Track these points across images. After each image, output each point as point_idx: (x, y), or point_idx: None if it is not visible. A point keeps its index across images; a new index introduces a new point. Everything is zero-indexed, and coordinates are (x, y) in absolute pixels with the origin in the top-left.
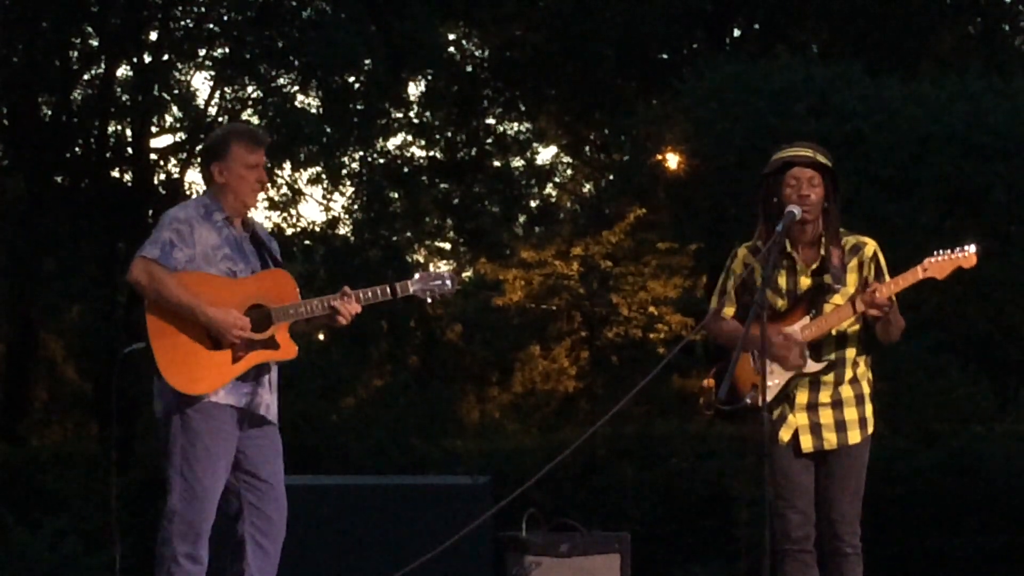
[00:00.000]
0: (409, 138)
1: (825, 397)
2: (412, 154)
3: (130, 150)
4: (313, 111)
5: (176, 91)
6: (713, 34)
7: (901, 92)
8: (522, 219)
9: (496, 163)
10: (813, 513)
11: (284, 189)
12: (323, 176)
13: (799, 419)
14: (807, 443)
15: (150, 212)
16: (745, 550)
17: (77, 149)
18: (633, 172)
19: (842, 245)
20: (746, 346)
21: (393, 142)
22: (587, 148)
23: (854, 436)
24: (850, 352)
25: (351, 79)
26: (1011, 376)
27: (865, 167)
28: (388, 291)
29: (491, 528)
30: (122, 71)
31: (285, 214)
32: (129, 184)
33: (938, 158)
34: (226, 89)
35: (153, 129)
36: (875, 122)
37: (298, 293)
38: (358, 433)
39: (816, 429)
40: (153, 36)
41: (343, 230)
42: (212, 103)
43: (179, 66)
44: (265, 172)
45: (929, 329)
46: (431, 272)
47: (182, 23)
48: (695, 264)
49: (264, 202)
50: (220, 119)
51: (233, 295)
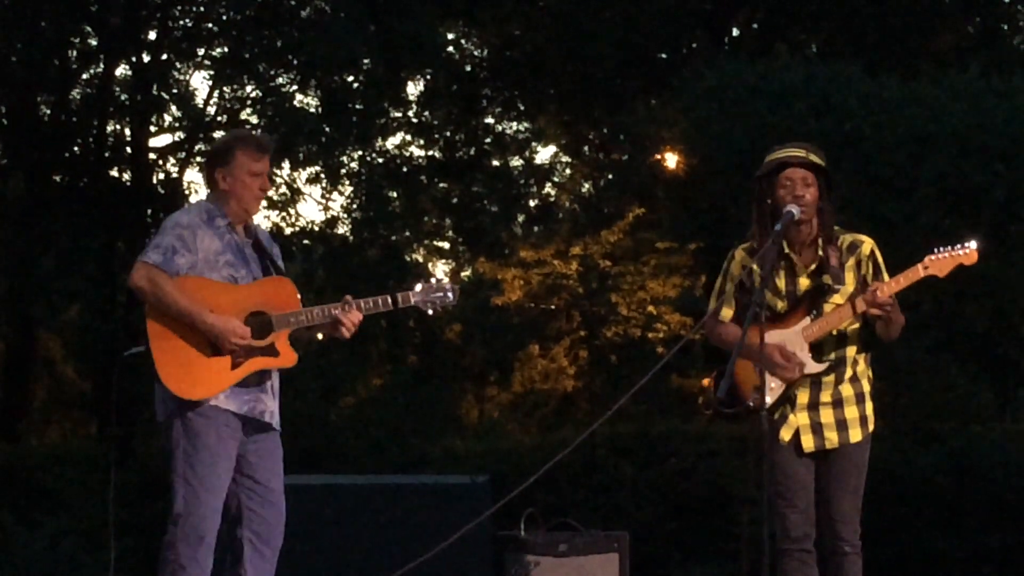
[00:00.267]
0: (408, 137)
1: (826, 396)
2: (411, 153)
3: (129, 149)
4: (312, 110)
5: (175, 90)
6: (712, 33)
7: (900, 92)
8: (521, 218)
9: (495, 162)
10: (813, 512)
11: (283, 188)
12: (322, 175)
13: (800, 418)
14: (808, 443)
15: (149, 211)
16: (745, 549)
17: (76, 148)
18: (632, 171)
19: (839, 244)
20: (746, 355)
21: (392, 141)
22: (586, 147)
23: (855, 435)
24: (850, 351)
25: (350, 78)
26: (1011, 375)
27: (864, 167)
28: (389, 301)
29: (490, 527)
30: (121, 70)
31: (284, 213)
32: (128, 183)
33: (938, 158)
34: (225, 88)
35: (152, 128)
36: (874, 121)
37: (299, 301)
38: (357, 432)
39: (817, 428)
40: (152, 35)
41: (342, 229)
42: (211, 102)
43: (178, 65)
44: (268, 181)
45: (928, 328)
46: (433, 284)
47: (181, 22)
48: (694, 264)
49: (263, 201)
50: (219, 118)
51: (234, 301)
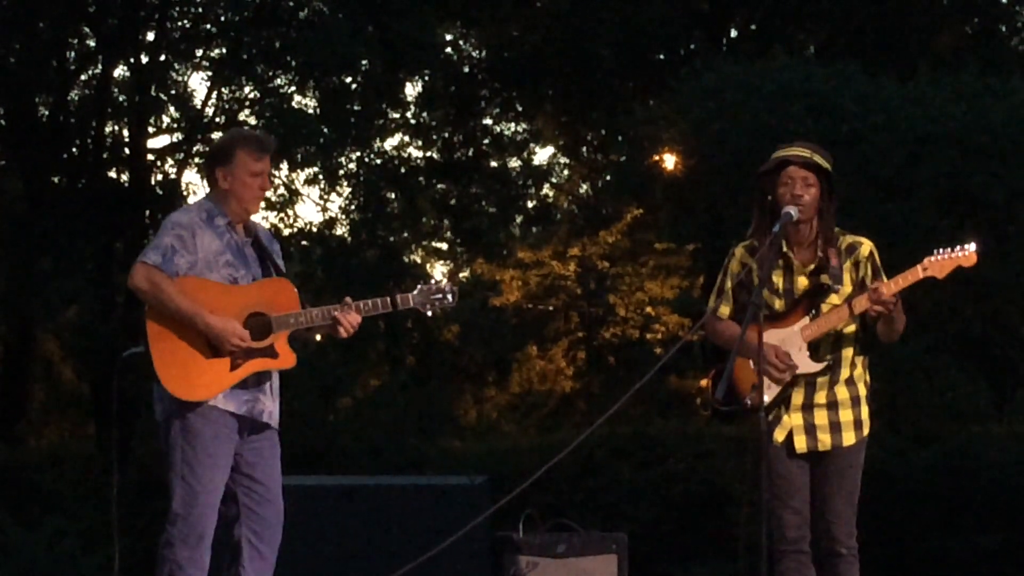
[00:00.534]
0: (406, 138)
1: (821, 398)
2: (409, 154)
3: (127, 150)
4: (310, 111)
5: (173, 91)
6: (711, 34)
7: (899, 92)
8: (519, 219)
9: (493, 163)
10: (809, 514)
11: (281, 189)
12: (320, 176)
13: (794, 419)
14: (801, 443)
15: (147, 212)
16: (742, 550)
17: (74, 149)
18: (630, 172)
19: (838, 245)
20: (744, 353)
21: (390, 142)
22: (584, 148)
23: (848, 438)
24: (847, 353)
25: (348, 79)
26: (1008, 376)
27: (863, 167)
28: (388, 303)
29: (488, 528)
30: (119, 71)
31: (282, 214)
32: (126, 184)
33: (936, 158)
34: (223, 89)
35: (150, 129)
36: (873, 122)
37: (299, 302)
38: (355, 433)
39: (811, 430)
40: (150, 36)
41: (340, 230)
42: (209, 103)
43: (176, 66)
44: (268, 180)
45: (926, 330)
46: (432, 285)
47: (179, 23)
48: (692, 264)
49: (261, 202)
50: (217, 119)
51: (234, 303)
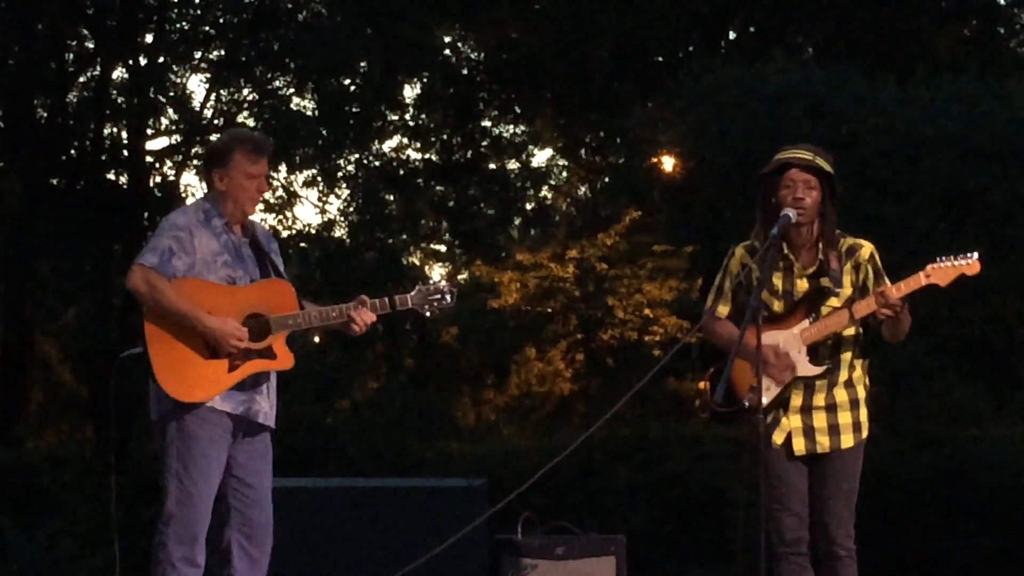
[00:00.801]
0: (405, 140)
1: (819, 400)
2: (408, 156)
3: (126, 152)
4: (309, 113)
5: (172, 93)
6: (709, 37)
7: (897, 95)
8: (517, 221)
9: (492, 165)
10: (807, 516)
11: (280, 191)
12: (319, 178)
13: (792, 421)
14: (799, 446)
15: (146, 214)
16: (741, 553)
17: (73, 151)
18: (629, 174)
19: (839, 248)
20: (742, 354)
21: (389, 144)
22: (583, 150)
23: (847, 440)
24: (846, 355)
25: (347, 81)
26: (1007, 379)
27: (861, 170)
28: (387, 304)
29: (487, 531)
30: (118, 73)
31: (280, 216)
32: (125, 186)
33: (934, 161)
34: (222, 91)
35: (149, 131)
36: (871, 125)
37: (297, 303)
38: (354, 435)
39: (809, 432)
40: (149, 38)
41: (339, 232)
42: (208, 105)
43: (175, 68)
44: (266, 182)
45: (925, 332)
46: (431, 286)
47: (178, 25)
48: (691, 267)
49: (260, 204)
50: (216, 121)
51: (232, 304)
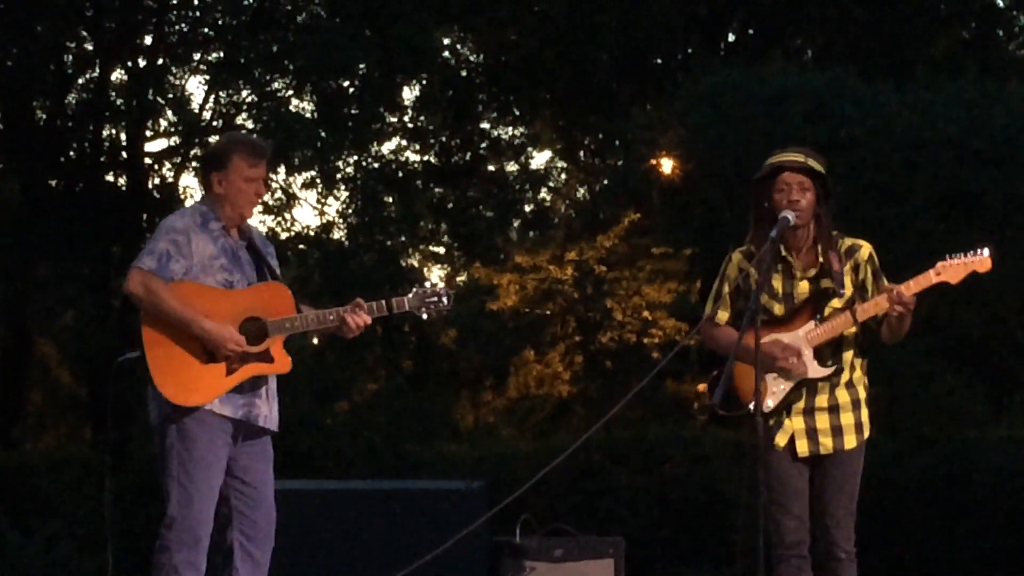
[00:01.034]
0: (404, 142)
1: (822, 401)
2: (407, 158)
3: (125, 154)
4: (308, 115)
5: (171, 95)
6: (708, 39)
7: (896, 97)
8: (516, 224)
9: (490, 167)
10: (808, 518)
11: (279, 193)
12: (317, 180)
13: (795, 423)
14: (803, 447)
15: (144, 216)
16: (740, 555)
17: (72, 153)
18: (628, 177)
19: (838, 248)
20: (742, 357)
21: (388, 146)
22: (581, 153)
23: (850, 441)
24: (847, 356)
25: (346, 83)
26: (1005, 381)
27: (860, 172)
28: (384, 306)
29: (486, 533)
30: (117, 75)
31: (279, 218)
32: (124, 188)
33: (933, 163)
34: (221, 93)
35: (148, 133)
36: (870, 127)
37: (294, 306)
38: (352, 437)
39: (812, 434)
40: (148, 40)
41: (337, 234)
42: (207, 107)
43: (174, 70)
44: (263, 186)
45: (923, 334)
46: (427, 288)
47: (177, 27)
48: (689, 269)
49: (258, 206)
50: (215, 123)
51: (229, 307)
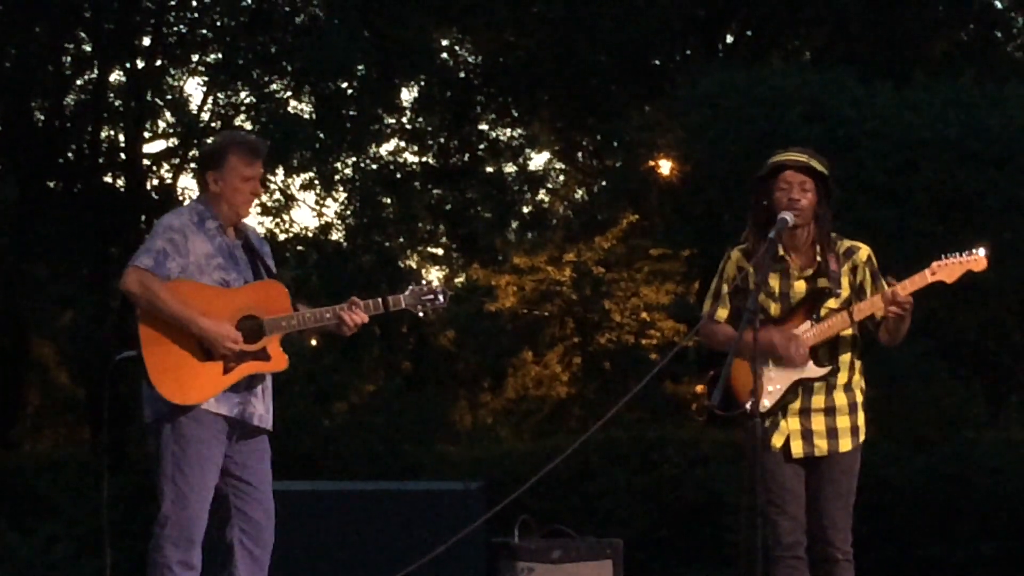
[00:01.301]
0: (402, 144)
1: (818, 403)
2: (405, 160)
3: (123, 155)
4: (306, 117)
5: (169, 96)
6: (706, 40)
7: (894, 98)
8: (515, 225)
9: (489, 169)
10: (804, 519)
11: (277, 195)
12: (316, 182)
13: (791, 424)
14: (797, 449)
15: (143, 217)
16: (737, 556)
17: (70, 154)
18: (626, 178)
19: (836, 250)
20: (741, 353)
21: (386, 148)
22: (580, 154)
23: (845, 444)
24: (844, 358)
25: (344, 85)
26: (1003, 383)
27: (858, 173)
28: (380, 305)
29: (483, 534)
30: (115, 76)
31: (278, 219)
32: (122, 189)
33: (931, 164)
34: (219, 95)
35: (146, 134)
36: (868, 128)
37: (291, 305)
38: (351, 438)
39: (807, 435)
40: (146, 41)
41: (336, 236)
42: (205, 108)
43: (172, 71)
44: (260, 184)
45: (921, 335)
46: (423, 287)
47: (175, 28)
48: (687, 270)
49: (257, 207)
50: (213, 124)
51: (226, 306)
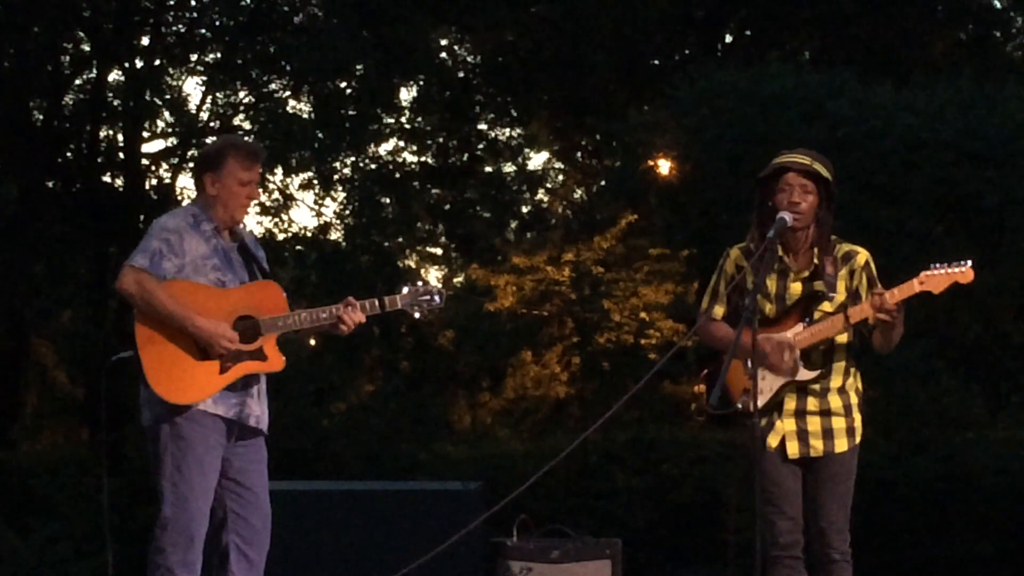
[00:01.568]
0: (401, 143)
1: (813, 405)
2: (404, 159)
3: (122, 155)
4: (305, 116)
5: (168, 96)
6: (705, 40)
7: (893, 99)
8: (514, 224)
9: (488, 168)
10: (802, 519)
11: (276, 194)
12: (315, 181)
13: (787, 425)
14: (793, 449)
15: (142, 217)
16: (735, 556)
17: (69, 154)
18: (625, 178)
19: (834, 253)
20: (737, 353)
21: (385, 147)
22: (579, 154)
23: (841, 445)
24: (839, 362)
25: (343, 84)
26: (1002, 383)
27: (857, 174)
28: (377, 305)
29: (482, 534)
30: (114, 76)
31: (277, 219)
32: (121, 189)
33: (930, 165)
34: (218, 94)
35: (145, 134)
36: (867, 129)
37: (287, 305)
38: (350, 438)
39: (803, 436)
40: (145, 41)
41: (335, 235)
42: (204, 108)
43: (171, 71)
44: (257, 189)
45: (920, 336)
46: (420, 287)
47: (174, 28)
48: (687, 270)
49: (256, 207)
50: (212, 124)
51: (222, 306)
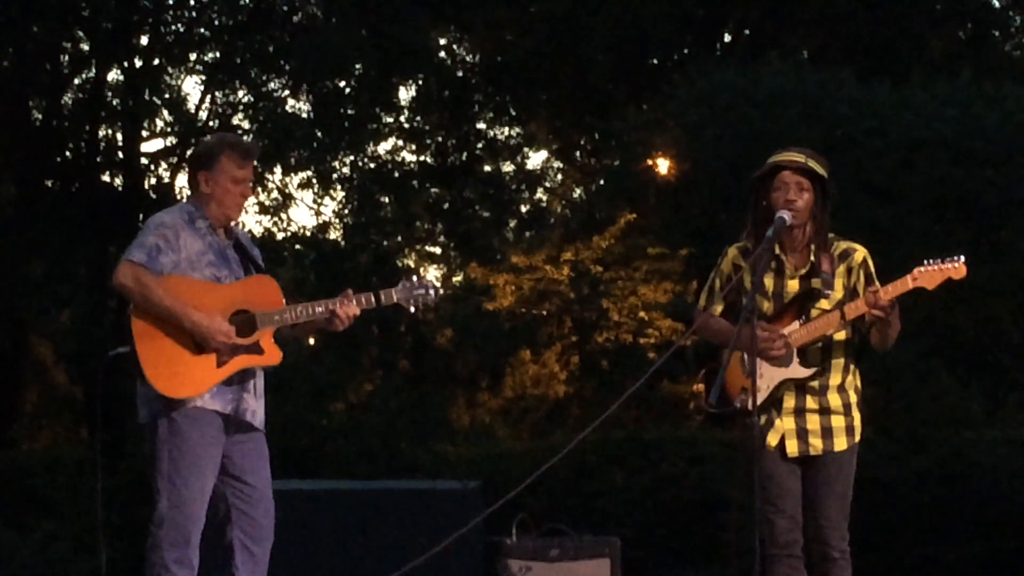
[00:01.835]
0: (400, 143)
1: (812, 403)
2: (403, 159)
3: (121, 154)
4: (304, 115)
5: (167, 95)
6: (704, 39)
7: (892, 98)
8: (512, 224)
9: (487, 168)
10: (801, 518)
11: (275, 193)
12: (314, 180)
13: (786, 423)
14: (792, 447)
15: (140, 216)
16: (734, 555)
17: (67, 153)
18: (624, 177)
19: (832, 251)
20: (736, 347)
21: (384, 147)
22: (578, 153)
23: (840, 443)
24: (838, 360)
25: (342, 83)
26: (1001, 382)
27: (856, 172)
28: (372, 299)
29: (481, 533)
30: (113, 75)
31: (275, 218)
32: (120, 188)
33: (929, 164)
34: (217, 93)
35: (144, 133)
36: (866, 128)
37: (283, 299)
38: (348, 438)
39: (802, 434)
40: (144, 40)
41: (333, 235)
42: (203, 107)
43: (170, 70)
44: (250, 187)
45: (919, 335)
46: (415, 281)
47: (173, 27)
48: (685, 269)
49: (255, 206)
50: (211, 123)
51: (218, 300)
